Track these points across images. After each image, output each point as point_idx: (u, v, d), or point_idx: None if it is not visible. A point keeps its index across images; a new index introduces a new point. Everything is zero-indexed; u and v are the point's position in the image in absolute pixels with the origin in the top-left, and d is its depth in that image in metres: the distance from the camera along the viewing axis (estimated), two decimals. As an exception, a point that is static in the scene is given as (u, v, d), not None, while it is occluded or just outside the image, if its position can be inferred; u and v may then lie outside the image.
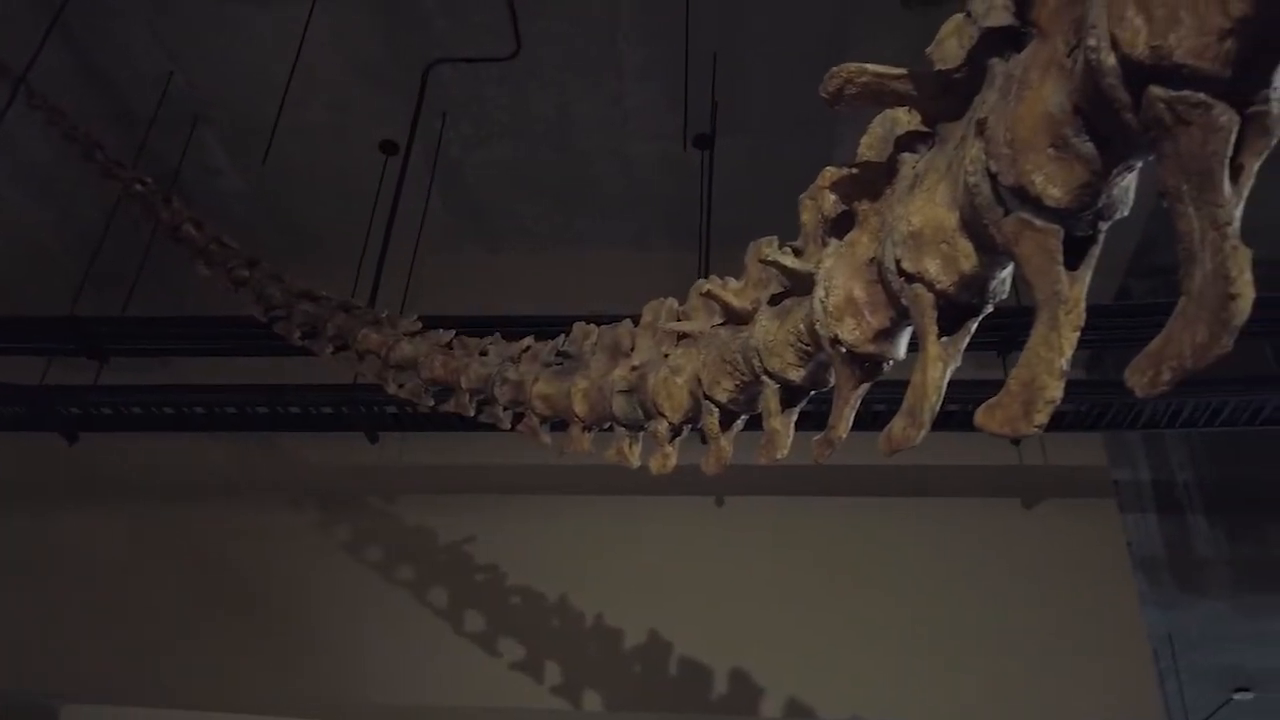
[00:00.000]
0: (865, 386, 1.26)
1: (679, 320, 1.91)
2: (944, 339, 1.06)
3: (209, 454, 7.18)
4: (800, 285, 1.40)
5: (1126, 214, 0.87)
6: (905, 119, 1.17)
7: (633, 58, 6.55)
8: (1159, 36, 0.67)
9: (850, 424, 1.26)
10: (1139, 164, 0.81)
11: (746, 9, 6.16)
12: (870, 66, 1.05)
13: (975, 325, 1.07)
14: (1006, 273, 1.02)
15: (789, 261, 1.39)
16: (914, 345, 1.14)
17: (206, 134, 7.35)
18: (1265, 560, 6.74)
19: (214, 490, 7.16)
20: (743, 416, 1.68)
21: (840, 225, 1.33)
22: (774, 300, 1.51)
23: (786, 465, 1.39)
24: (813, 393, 1.47)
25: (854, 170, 1.23)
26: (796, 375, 1.42)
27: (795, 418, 1.49)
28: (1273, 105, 0.68)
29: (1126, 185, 0.84)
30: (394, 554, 6.87)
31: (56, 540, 7.07)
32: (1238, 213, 0.68)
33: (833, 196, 1.32)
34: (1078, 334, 0.84)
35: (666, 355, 1.88)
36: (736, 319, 1.64)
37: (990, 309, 1.06)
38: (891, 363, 1.23)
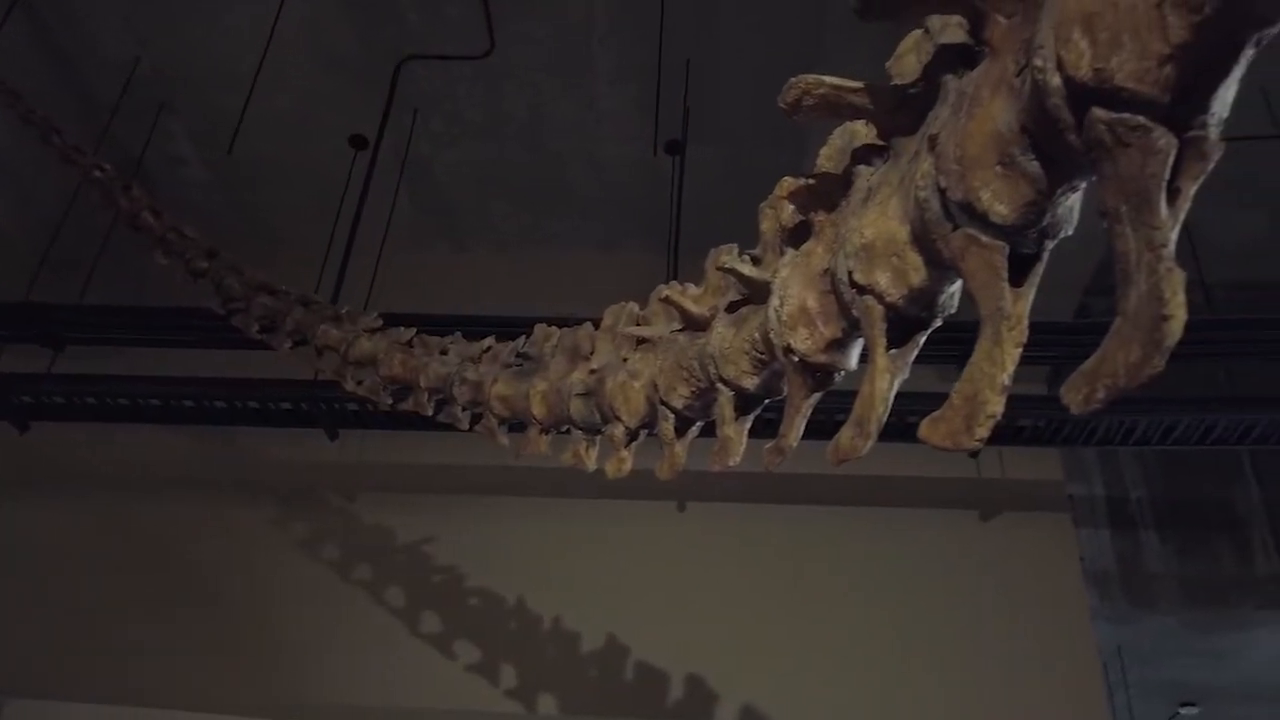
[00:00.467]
0: (817, 396, 1.26)
1: (638, 325, 1.92)
2: (893, 351, 1.07)
3: (165, 447, 7.06)
4: (757, 294, 1.40)
5: (1071, 233, 0.88)
6: (863, 132, 1.18)
7: (607, 61, 6.55)
8: (1102, 59, 0.68)
9: (801, 433, 1.27)
10: (1083, 184, 0.83)
11: (721, 18, 6.18)
12: (828, 78, 1.06)
13: (924, 338, 1.08)
14: (955, 287, 1.03)
15: (746, 270, 1.40)
16: (865, 356, 1.15)
17: (172, 122, 7.25)
18: (1214, 577, 6.87)
19: (169, 484, 7.04)
20: (698, 423, 1.68)
21: (797, 235, 1.33)
22: (731, 308, 1.52)
23: (749, 472, 1.40)
24: (766, 401, 1.48)
25: (811, 181, 1.24)
26: (750, 383, 1.42)
27: (749, 425, 1.49)
28: (1210, 131, 0.70)
29: (1071, 205, 0.85)
30: (352, 553, 6.80)
31: (4, 532, 6.91)
32: (1173, 235, 0.69)
33: (790, 206, 1.33)
34: (1020, 350, 0.85)
35: (625, 360, 1.88)
36: (694, 325, 1.64)
37: (939, 323, 1.07)
38: (843, 373, 1.23)
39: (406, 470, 6.93)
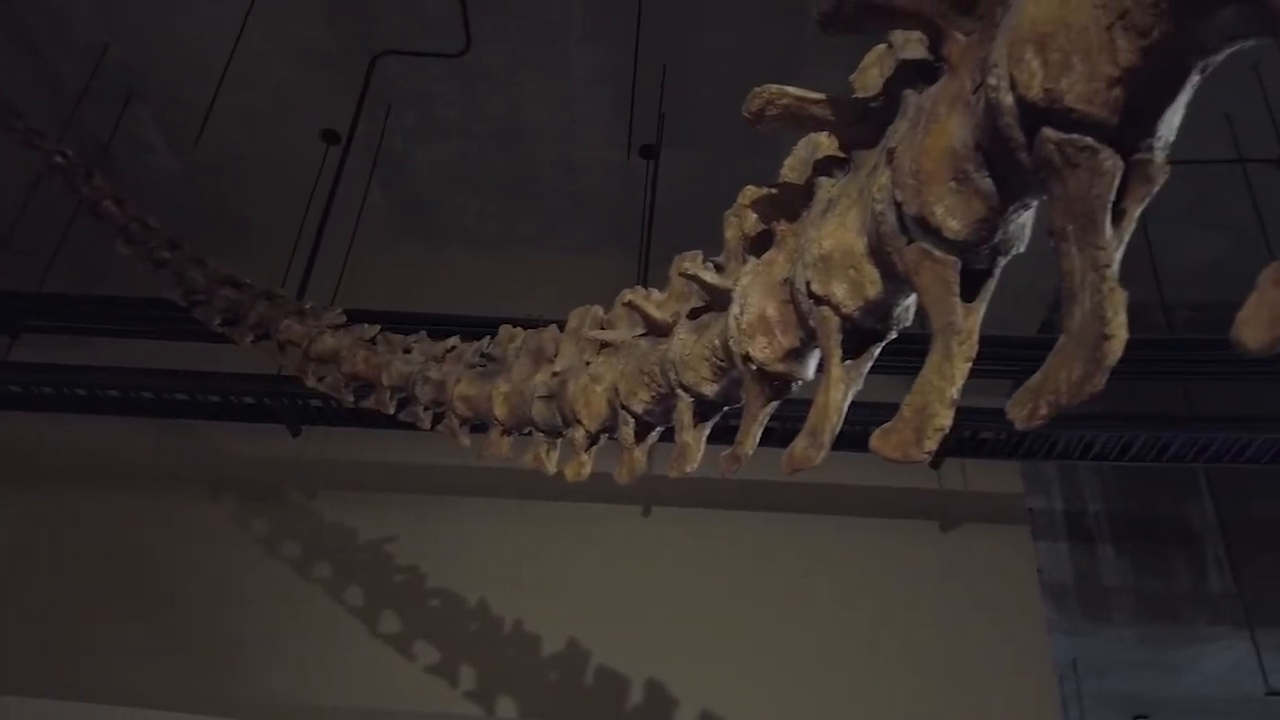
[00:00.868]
0: (774, 404, 1.27)
1: (602, 328, 1.91)
2: (848, 362, 1.07)
3: (123, 439, 6.94)
4: (718, 301, 1.41)
5: (1023, 250, 0.89)
6: (826, 143, 1.19)
7: (583, 63, 6.55)
8: (1052, 80, 0.69)
9: (757, 440, 1.27)
10: (1035, 203, 0.84)
11: (699, 24, 6.20)
12: (791, 89, 1.06)
13: (879, 350, 1.09)
14: (911, 300, 1.04)
15: (708, 277, 1.40)
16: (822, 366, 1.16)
17: (140, 110, 7.14)
18: (1167, 592, 6.99)
19: (127, 477, 6.93)
20: (658, 428, 1.69)
21: (759, 244, 1.34)
22: (693, 314, 1.52)
23: (714, 478, 1.39)
24: (726, 408, 1.49)
25: (773, 191, 1.24)
26: (710, 390, 1.42)
27: (707, 432, 1.50)
28: (1156, 154, 0.71)
29: (1023, 223, 0.86)
30: (312, 550, 6.73)
31: (-46, 522, 6.77)
32: (1118, 256, 0.70)
33: (754, 215, 1.34)
34: (969, 364, 0.86)
35: (588, 363, 1.87)
36: (657, 331, 1.64)
37: (894, 335, 1.08)
38: (800, 382, 1.24)
39: (370, 468, 6.87)
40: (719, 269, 1.47)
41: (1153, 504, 7.21)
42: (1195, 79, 0.68)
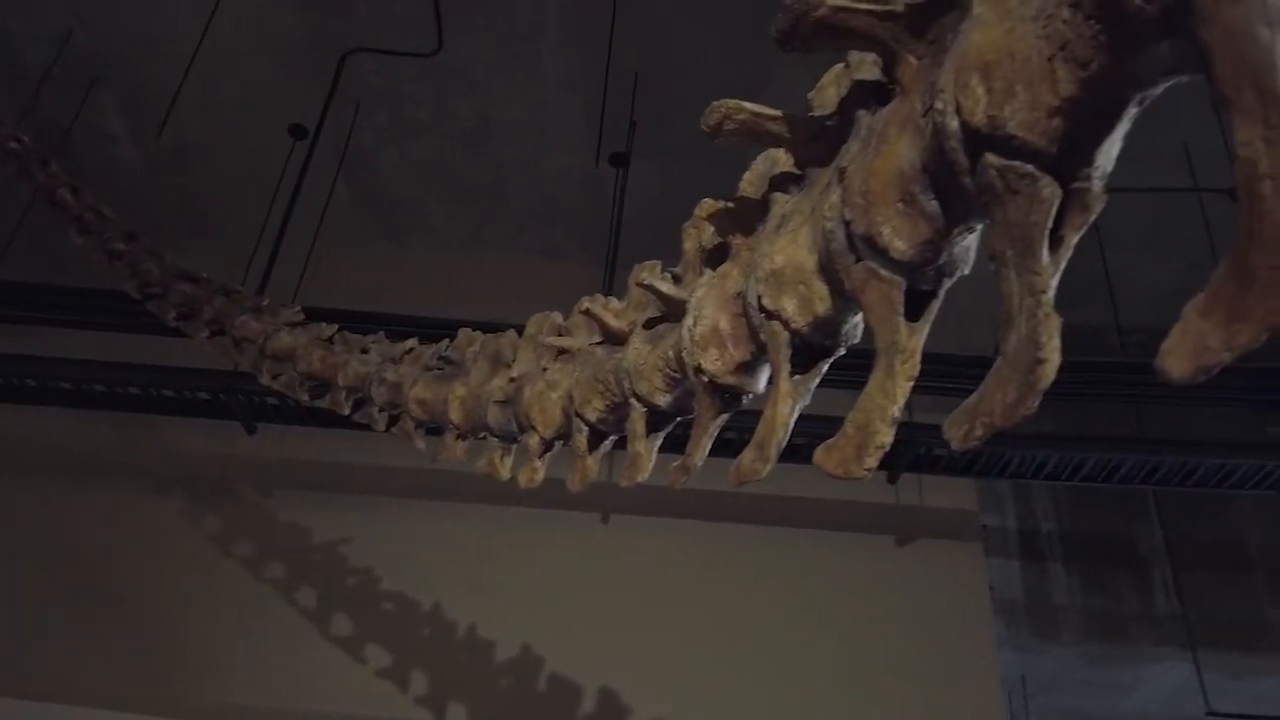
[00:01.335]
0: (724, 417, 1.27)
1: (560, 335, 1.91)
2: (796, 377, 1.08)
3: (75, 432, 6.80)
4: (674, 312, 1.41)
5: (967, 273, 0.91)
6: (783, 159, 1.20)
7: (556, 69, 6.55)
8: (996, 107, 0.70)
9: (707, 452, 1.28)
10: (979, 227, 0.85)
11: (672, 34, 6.23)
12: (748, 105, 1.07)
13: (827, 366, 1.10)
14: (859, 318, 1.05)
15: (664, 288, 1.40)
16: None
17: (104, 98, 7.02)
18: (1115, 612, 7.10)
19: (76, 470, 6.78)
20: (612, 436, 1.69)
21: (716, 256, 1.35)
22: (649, 324, 1.53)
23: (675, 487, 1.38)
24: (678, 419, 1.49)
25: (730, 205, 1.25)
26: (663, 400, 1.43)
27: (659, 442, 1.50)
28: (1094, 183, 0.72)
29: (968, 245, 0.88)
30: (265, 550, 6.63)
31: (-107, 512, 6.58)
32: (1054, 282, 0.71)
33: (711, 228, 1.35)
34: (911, 383, 0.87)
35: (544, 369, 1.87)
36: (613, 339, 1.65)
37: (842, 351, 1.09)
38: (751, 395, 1.25)
39: (326, 468, 6.79)
40: (677, 280, 1.48)
41: (1103, 524, 7.33)
42: (1133, 111, 0.69)
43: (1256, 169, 0.54)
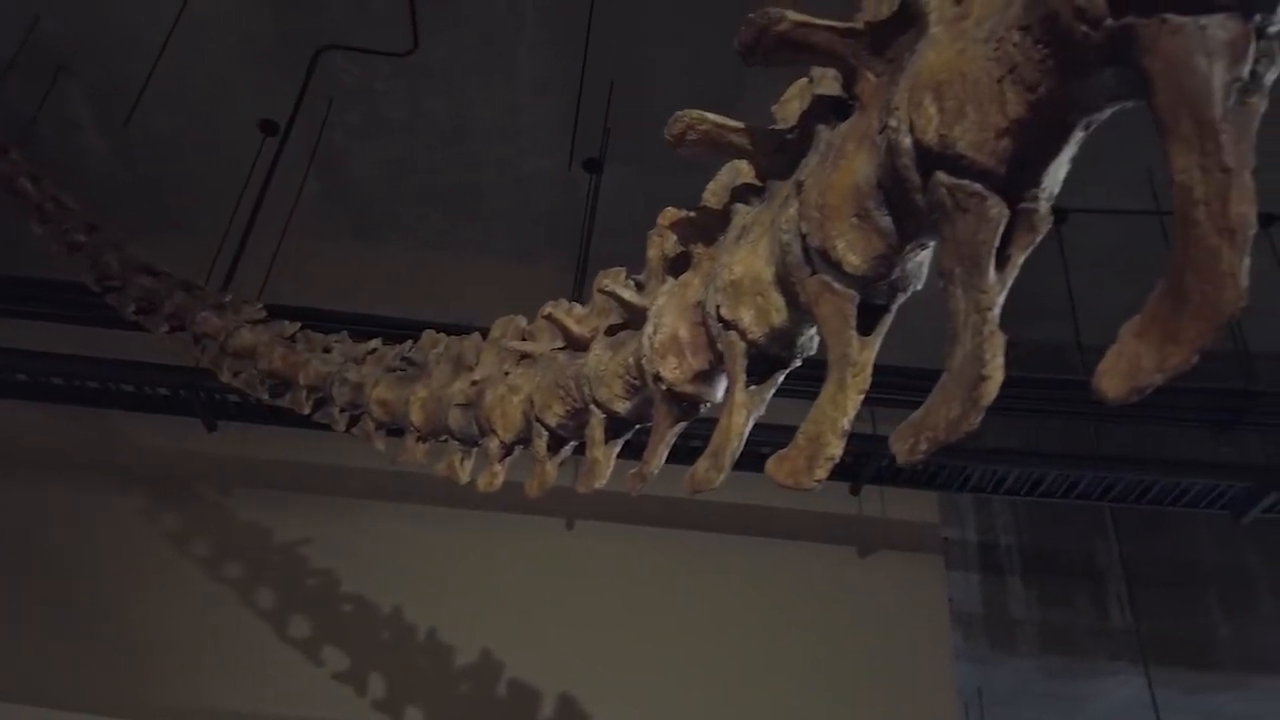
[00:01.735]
0: (682, 425, 1.28)
1: (524, 340, 1.91)
2: (752, 387, 1.09)
3: (30, 426, 6.67)
4: (635, 319, 1.41)
5: (920, 288, 0.92)
6: (746, 171, 1.21)
7: (531, 73, 6.54)
8: (947, 127, 0.71)
9: (663, 460, 1.28)
10: (931, 243, 0.86)
11: (648, 42, 6.25)
12: (711, 116, 1.08)
13: (782, 377, 1.10)
14: (814, 330, 1.06)
15: (626, 295, 1.41)
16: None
17: (70, 86, 6.90)
18: (1070, 626, 7.19)
19: (32, 465, 6.65)
20: (572, 442, 1.68)
21: (678, 265, 1.35)
22: (611, 331, 1.53)
23: (641, 494, 1.38)
24: (638, 426, 1.49)
25: (692, 214, 1.26)
26: (622, 407, 1.43)
27: (618, 449, 1.50)
28: (1040, 204, 0.73)
29: (920, 261, 0.89)
30: (223, 549, 6.54)
31: None
32: (1000, 300, 0.73)
33: (674, 236, 1.35)
34: (861, 396, 0.88)
35: (507, 373, 1.86)
36: (575, 345, 1.65)
37: (798, 363, 1.10)
38: (708, 404, 1.25)
39: (287, 468, 6.71)
40: (640, 287, 1.48)
41: (1062, 539, 7.43)
42: (1079, 135, 0.71)
43: (1192, 195, 0.55)
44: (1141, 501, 5.98)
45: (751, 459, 1.09)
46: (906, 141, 0.75)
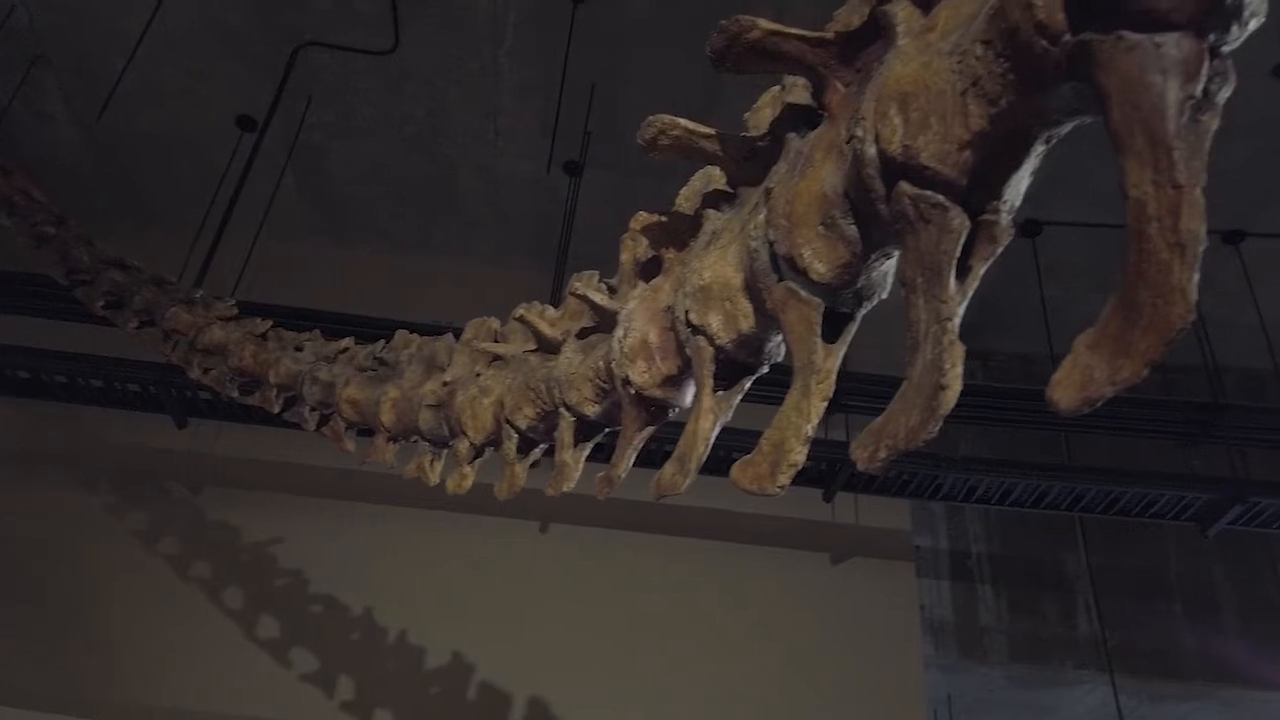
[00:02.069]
0: (650, 429, 1.28)
1: (496, 341, 1.90)
2: (719, 393, 1.09)
3: (-5, 419, 6.58)
4: (606, 323, 1.42)
5: (885, 297, 0.92)
6: (719, 177, 1.21)
7: (512, 75, 6.53)
8: (911, 137, 0.72)
9: (631, 464, 1.28)
10: (895, 253, 0.87)
11: (629, 46, 6.26)
12: (683, 121, 1.08)
13: (750, 383, 1.11)
14: (781, 337, 1.06)
15: (598, 298, 1.41)
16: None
17: (44, 77, 6.81)
18: (1039, 634, 7.26)
19: (-5, 459, 6.56)
20: (542, 445, 1.68)
21: (650, 269, 1.36)
22: (582, 334, 1.53)
23: (614, 498, 1.38)
24: (607, 429, 1.49)
25: (664, 219, 1.26)
26: (592, 410, 1.43)
27: (588, 452, 1.50)
28: (1001, 217, 0.74)
29: (885, 270, 0.89)
30: (192, 548, 6.46)
31: None
32: (960, 310, 0.73)
33: (646, 241, 1.35)
34: (825, 403, 0.88)
35: (478, 375, 1.86)
36: (547, 348, 1.65)
37: (765, 369, 1.10)
38: (677, 409, 1.25)
39: (258, 467, 6.65)
40: (613, 291, 1.48)
41: (1032, 549, 7.50)
42: (1040, 149, 0.72)
43: (1145, 210, 0.56)
44: (1110, 512, 6.04)
45: (725, 464, 1.09)
46: (872, 151, 0.76)
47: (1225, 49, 0.58)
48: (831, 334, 0.91)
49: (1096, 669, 7.00)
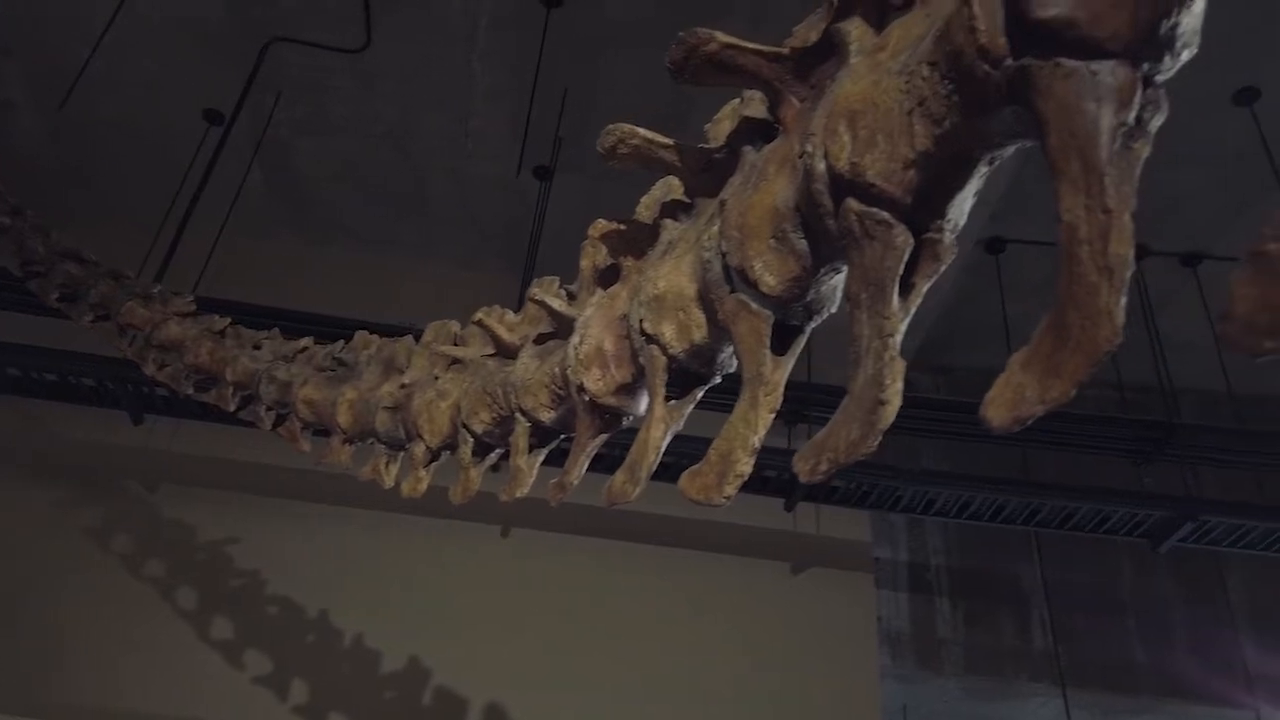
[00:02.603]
0: (603, 437, 1.28)
1: (455, 345, 1.90)
2: (671, 402, 1.10)
3: (-56, 411, 6.43)
4: (564, 329, 1.42)
5: (834, 311, 0.93)
6: (678, 186, 1.22)
7: (484, 77, 6.51)
8: (859, 155, 0.73)
9: (584, 471, 1.28)
10: (845, 268, 0.88)
11: (603, 53, 6.27)
12: (642, 131, 1.09)
13: (702, 393, 1.11)
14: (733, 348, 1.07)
15: (555, 304, 1.41)
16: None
17: (8, 67, 6.69)
18: (994, 647, 7.34)
19: (-57, 452, 6.41)
20: (497, 450, 1.68)
21: (608, 277, 1.36)
22: (540, 340, 1.53)
23: (577, 504, 1.38)
24: (562, 436, 1.49)
25: (622, 227, 1.26)
26: (547, 416, 1.43)
27: (542, 458, 1.50)
28: (945, 235, 0.75)
29: (834, 285, 0.90)
30: (145, 547, 6.35)
31: None
32: (902, 326, 0.74)
33: (605, 248, 1.36)
34: (773, 415, 0.89)
35: (436, 378, 1.85)
36: (505, 352, 1.64)
37: (718, 380, 1.11)
38: (630, 417, 1.26)
39: (215, 465, 6.56)
40: (571, 298, 1.48)
41: (989, 562, 7.59)
42: (984, 170, 0.73)
43: (1076, 234, 0.57)
44: (1065, 527, 6.14)
45: (680, 472, 1.10)
46: (821, 167, 0.77)
47: (1159, 78, 0.59)
48: (781, 346, 0.92)
49: (1050, 682, 7.09)
